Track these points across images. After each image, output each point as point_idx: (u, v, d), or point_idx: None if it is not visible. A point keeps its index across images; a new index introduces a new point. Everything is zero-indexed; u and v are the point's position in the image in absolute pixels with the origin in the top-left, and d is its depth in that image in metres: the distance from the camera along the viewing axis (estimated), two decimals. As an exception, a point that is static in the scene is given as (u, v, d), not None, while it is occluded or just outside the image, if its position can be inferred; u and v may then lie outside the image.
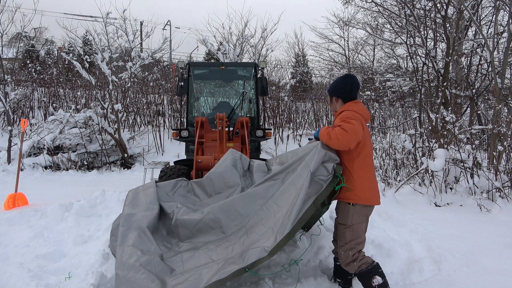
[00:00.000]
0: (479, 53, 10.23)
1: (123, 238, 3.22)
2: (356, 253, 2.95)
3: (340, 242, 3.02)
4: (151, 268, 2.92)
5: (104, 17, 10.93)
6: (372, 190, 3.00)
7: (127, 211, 3.57)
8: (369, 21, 14.95)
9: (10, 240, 4.18)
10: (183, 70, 6.97)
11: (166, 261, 3.13)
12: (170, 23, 27.03)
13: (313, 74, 23.12)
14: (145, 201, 3.70)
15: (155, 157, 11.66)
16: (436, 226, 4.96)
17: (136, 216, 3.47)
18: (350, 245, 2.95)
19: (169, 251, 3.33)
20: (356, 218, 2.95)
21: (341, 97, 3.12)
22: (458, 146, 6.84)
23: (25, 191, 6.13)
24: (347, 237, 2.96)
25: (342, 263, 3.01)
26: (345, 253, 2.97)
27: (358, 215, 2.96)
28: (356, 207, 2.94)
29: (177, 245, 3.43)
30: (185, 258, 3.16)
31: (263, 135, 6.49)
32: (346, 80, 3.13)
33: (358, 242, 2.97)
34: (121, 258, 3.00)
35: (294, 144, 13.08)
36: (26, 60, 21.43)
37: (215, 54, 13.96)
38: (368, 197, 2.97)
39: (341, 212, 3.04)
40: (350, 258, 2.94)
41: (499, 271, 3.54)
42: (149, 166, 7.63)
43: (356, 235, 2.96)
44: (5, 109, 10.25)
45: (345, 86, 3.10)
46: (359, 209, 2.95)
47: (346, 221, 2.97)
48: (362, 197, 2.93)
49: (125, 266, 2.91)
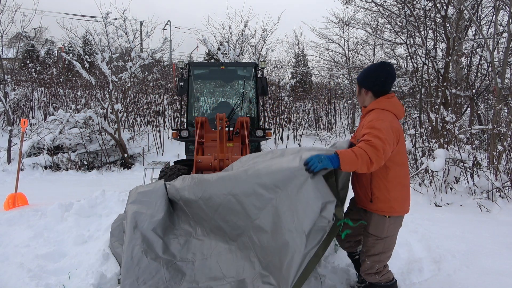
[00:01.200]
0: (479, 53, 10.23)
1: (130, 239, 3.20)
2: (382, 267, 2.75)
3: (367, 252, 2.76)
4: (161, 277, 2.95)
5: (104, 17, 10.93)
6: (407, 201, 2.72)
7: (134, 209, 3.50)
8: (369, 21, 14.95)
9: (10, 240, 4.18)
10: (183, 70, 6.97)
11: (177, 263, 3.11)
12: (170, 23, 27.06)
13: (313, 74, 23.10)
14: (154, 201, 3.61)
15: (155, 157, 11.66)
16: (436, 226, 4.96)
17: (143, 216, 3.42)
18: (379, 257, 2.71)
19: (182, 246, 3.29)
20: (391, 230, 2.69)
21: (372, 90, 2.66)
22: (458, 146, 6.84)
23: (25, 191, 6.13)
24: (378, 248, 2.70)
25: (362, 271, 2.81)
26: (371, 263, 2.73)
27: (393, 226, 2.69)
28: (392, 219, 2.66)
29: (192, 230, 3.38)
30: (197, 266, 3.11)
31: (263, 135, 6.49)
32: (381, 70, 2.63)
33: (388, 255, 2.75)
34: (131, 261, 3.02)
35: (294, 144, 13.08)
36: (26, 60, 21.42)
37: (215, 54, 13.95)
38: (404, 208, 2.69)
39: (373, 224, 2.70)
40: (375, 270, 2.73)
41: (499, 271, 3.54)
42: (149, 166, 7.63)
43: (388, 248, 2.73)
44: (5, 109, 10.25)
45: (379, 77, 2.61)
46: (395, 220, 2.68)
47: (380, 234, 2.67)
48: (397, 208, 2.64)
49: (134, 271, 2.95)
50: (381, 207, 2.63)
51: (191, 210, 3.47)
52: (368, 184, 2.66)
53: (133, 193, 3.81)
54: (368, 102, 2.72)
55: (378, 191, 2.62)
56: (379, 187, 2.61)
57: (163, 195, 3.68)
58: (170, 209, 3.65)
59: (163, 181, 3.93)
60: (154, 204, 3.59)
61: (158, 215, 3.47)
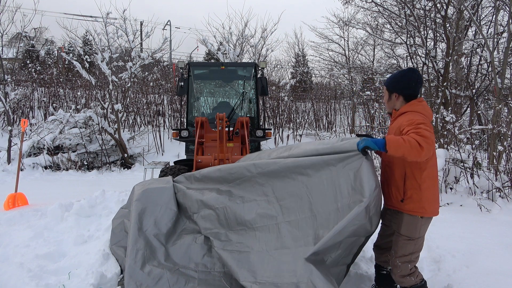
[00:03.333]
0: (479, 53, 10.23)
1: (135, 242, 3.18)
2: (414, 267, 2.79)
3: (397, 253, 2.79)
4: (165, 282, 2.94)
5: (104, 17, 10.93)
6: (437, 202, 2.78)
7: (139, 209, 3.43)
8: (369, 21, 14.96)
9: (10, 240, 4.18)
10: (183, 70, 6.97)
11: (180, 270, 3.09)
12: (170, 23, 27.07)
13: (313, 74, 23.10)
14: (160, 205, 3.54)
15: (155, 157, 11.66)
16: (436, 226, 4.93)
17: (148, 219, 3.38)
18: (410, 258, 2.75)
19: (183, 254, 3.27)
20: (423, 230, 2.75)
21: (403, 94, 2.76)
22: (458, 146, 6.84)
23: (25, 191, 6.13)
24: (409, 249, 2.74)
25: (396, 274, 2.81)
26: (403, 264, 2.75)
27: (425, 227, 2.77)
28: (424, 219, 2.72)
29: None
30: (199, 275, 3.10)
31: (263, 135, 6.49)
32: (411, 75, 2.75)
33: (417, 255, 2.80)
34: (134, 265, 3.01)
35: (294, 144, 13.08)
36: (26, 60, 21.43)
37: (215, 54, 13.96)
38: (435, 209, 2.74)
39: (405, 224, 2.74)
40: (408, 271, 2.76)
41: (499, 271, 3.54)
42: (149, 166, 7.63)
43: (419, 248, 2.78)
44: (5, 109, 10.25)
45: (410, 82, 2.72)
46: (426, 221, 2.75)
47: (413, 234, 2.72)
48: (428, 209, 2.70)
49: (138, 276, 2.95)
50: (413, 207, 2.68)
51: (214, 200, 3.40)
52: (401, 183, 2.70)
53: (139, 190, 3.69)
54: (399, 106, 2.81)
55: (411, 190, 2.66)
56: (412, 187, 2.66)
57: (170, 199, 3.61)
58: (175, 214, 3.56)
59: (171, 180, 3.85)
60: (159, 208, 3.52)
61: (161, 221, 3.43)
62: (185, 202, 3.63)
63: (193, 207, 3.54)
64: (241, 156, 5.55)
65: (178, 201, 3.67)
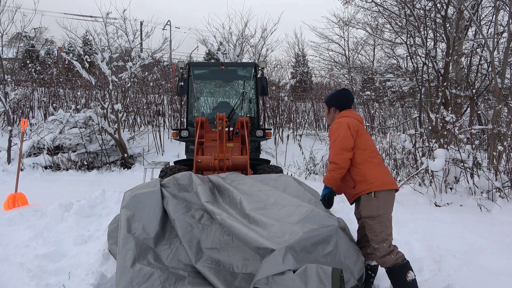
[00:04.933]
0: (479, 53, 10.23)
1: (124, 243, 3.22)
2: (392, 245, 2.97)
3: (370, 236, 3.01)
4: (155, 278, 2.98)
5: (104, 17, 10.93)
6: (385, 175, 3.06)
7: (127, 215, 3.48)
8: (369, 21, 14.96)
9: (10, 240, 4.17)
10: (183, 70, 6.97)
11: (169, 270, 3.14)
12: (170, 23, 27.06)
13: (313, 74, 23.10)
14: (148, 210, 3.58)
15: (155, 157, 11.66)
16: (436, 226, 4.96)
17: (136, 224, 3.43)
18: (382, 237, 2.94)
19: (172, 256, 3.33)
20: (381, 208, 2.97)
21: (339, 108, 3.39)
22: (458, 146, 6.84)
23: (25, 191, 6.12)
24: (376, 229, 2.96)
25: (377, 257, 2.99)
26: (379, 245, 2.95)
27: (383, 205, 2.98)
28: (378, 198, 2.96)
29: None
30: (189, 275, 3.16)
31: (263, 135, 6.49)
32: (345, 93, 3.42)
33: (388, 233, 2.97)
34: (124, 264, 3.05)
35: (294, 144, 13.06)
36: (26, 60, 21.41)
37: (215, 54, 13.96)
38: (384, 182, 3.00)
39: (364, 206, 3.03)
40: (387, 250, 2.93)
41: (499, 271, 3.54)
42: (149, 166, 7.64)
43: (385, 226, 2.96)
44: (5, 109, 10.25)
45: (343, 98, 3.38)
46: (381, 198, 2.97)
47: (372, 213, 2.97)
48: (375, 183, 2.98)
49: (128, 273, 2.98)
50: (363, 187, 3.04)
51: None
52: (348, 176, 3.13)
53: (127, 196, 3.73)
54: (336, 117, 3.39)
55: (356, 176, 3.08)
56: (355, 173, 3.09)
57: (158, 202, 3.65)
58: (162, 218, 3.62)
59: (159, 183, 3.88)
60: (148, 211, 3.56)
61: (150, 225, 3.47)
62: (169, 208, 3.67)
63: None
64: (241, 156, 5.58)
65: (164, 207, 3.71)
